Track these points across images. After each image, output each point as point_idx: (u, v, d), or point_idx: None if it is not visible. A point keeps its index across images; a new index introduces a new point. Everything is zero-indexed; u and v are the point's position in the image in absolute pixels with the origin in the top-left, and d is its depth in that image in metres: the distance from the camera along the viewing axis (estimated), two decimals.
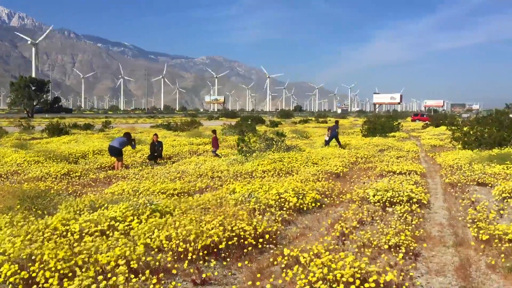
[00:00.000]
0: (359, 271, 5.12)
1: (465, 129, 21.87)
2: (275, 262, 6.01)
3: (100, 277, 4.87)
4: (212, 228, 6.56)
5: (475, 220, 7.91)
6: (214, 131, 21.58)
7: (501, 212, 8.92)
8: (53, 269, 5.12)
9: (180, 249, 6.08)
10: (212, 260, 5.88)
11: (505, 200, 9.86)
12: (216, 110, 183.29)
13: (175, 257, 6.09)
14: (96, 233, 6.56)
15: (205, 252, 6.16)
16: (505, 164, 14.18)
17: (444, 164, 16.27)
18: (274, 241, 6.99)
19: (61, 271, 5.13)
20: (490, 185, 11.82)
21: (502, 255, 6.23)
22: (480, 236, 7.01)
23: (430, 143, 26.68)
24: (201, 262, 5.97)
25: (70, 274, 5.16)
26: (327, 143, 23.90)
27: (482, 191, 11.42)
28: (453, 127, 23.64)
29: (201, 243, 6.13)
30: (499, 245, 6.57)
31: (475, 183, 12.25)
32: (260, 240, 6.71)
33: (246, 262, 6.14)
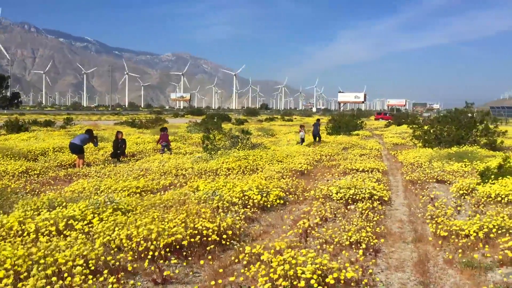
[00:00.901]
0: (320, 268, 5.16)
1: (425, 127, 22.44)
2: (237, 260, 5.99)
3: (54, 278, 4.72)
4: (174, 226, 6.48)
5: (434, 217, 8.13)
6: (164, 129, 21.18)
7: (459, 208, 9.19)
8: (9, 268, 4.93)
9: (140, 248, 5.98)
10: (174, 259, 5.80)
11: (463, 197, 10.17)
12: (182, 107, 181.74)
13: (136, 256, 5.98)
14: (54, 233, 6.37)
15: (167, 250, 6.07)
16: (463, 162, 14.63)
17: (405, 162, 16.63)
18: (237, 239, 6.98)
19: (17, 270, 4.96)
20: (448, 182, 12.17)
21: (459, 251, 6.40)
22: (438, 232, 7.20)
23: (392, 141, 27.25)
24: (162, 261, 5.88)
25: (25, 274, 4.99)
26: (302, 141, 23.92)
27: (441, 188, 11.74)
28: (414, 126, 24.21)
29: (163, 242, 6.05)
30: (456, 240, 6.76)
31: (435, 180, 12.58)
32: (224, 236, 6.69)
33: (209, 260, 6.09)
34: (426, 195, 10.52)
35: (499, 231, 6.84)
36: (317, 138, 25.74)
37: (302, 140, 24.02)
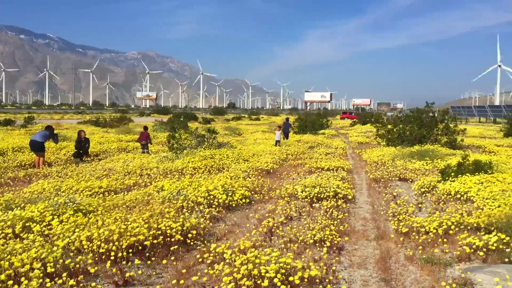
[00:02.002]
0: (284, 267, 5.17)
1: (389, 127, 22.86)
2: (202, 260, 5.94)
3: (10, 282, 4.57)
4: (137, 227, 6.37)
5: (396, 214, 8.29)
6: (145, 128, 21.05)
7: (420, 205, 9.40)
8: None
9: (101, 250, 5.85)
10: (136, 260, 5.69)
11: (424, 194, 10.42)
12: (148, 106, 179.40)
13: (97, 259, 5.85)
14: (10, 235, 6.16)
15: (130, 251, 5.96)
16: (424, 160, 14.99)
17: (369, 161, 16.90)
18: (202, 239, 6.92)
19: None
20: (410, 180, 12.44)
21: (420, 247, 6.54)
22: (400, 229, 7.34)
23: (357, 140, 27.66)
24: (124, 262, 5.77)
25: None
26: (277, 142, 23.72)
27: (403, 186, 11.99)
28: (378, 125, 24.63)
29: (125, 243, 5.93)
30: (417, 237, 6.91)
31: (397, 178, 12.83)
32: (189, 236, 6.62)
33: (172, 260, 6.01)
34: (389, 193, 10.72)
35: (458, 228, 7.03)
36: (286, 136, 26.26)
37: (278, 141, 23.66)
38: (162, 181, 10.91)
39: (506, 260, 5.75)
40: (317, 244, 6.61)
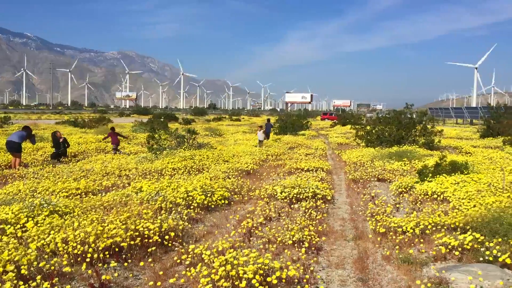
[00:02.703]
0: (263, 267, 5.17)
1: (368, 128, 23.08)
2: (180, 261, 5.90)
3: None
4: (114, 228, 6.29)
5: (374, 214, 8.36)
6: (112, 128, 20.81)
7: (398, 206, 9.50)
8: None
9: (77, 252, 5.76)
10: (113, 262, 5.62)
11: (402, 195, 10.54)
12: (127, 106, 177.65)
13: (72, 261, 5.76)
14: None
15: (106, 253, 5.88)
16: (402, 161, 15.17)
17: (348, 161, 17.02)
18: (180, 240, 6.88)
19: None
20: (389, 180, 12.57)
21: (397, 247, 6.61)
22: (377, 229, 7.41)
23: (337, 141, 27.84)
24: (100, 264, 5.69)
25: None
26: (260, 142, 23.62)
27: (382, 186, 12.11)
28: (357, 126, 24.84)
29: (101, 244, 5.85)
30: (394, 237, 6.98)
31: (376, 179, 12.95)
32: (166, 237, 6.57)
33: (150, 262, 5.96)
34: (367, 193, 10.81)
35: (434, 228, 7.13)
36: (267, 136, 26.55)
37: (261, 141, 23.59)
38: (141, 182, 10.81)
39: (481, 259, 5.85)
40: (295, 245, 6.62)
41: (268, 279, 5.00)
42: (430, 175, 11.00)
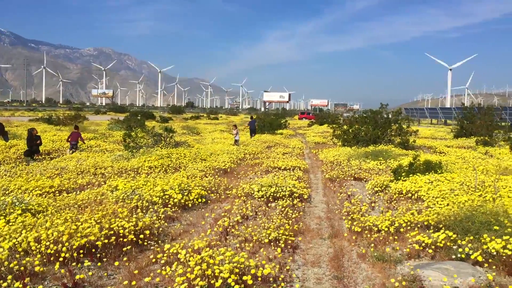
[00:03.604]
0: (238, 266, 5.16)
1: (344, 127, 23.29)
2: (155, 260, 5.85)
3: None
4: (89, 227, 6.20)
5: (350, 213, 8.44)
6: (76, 127, 20.30)
7: (373, 204, 9.61)
8: None
9: (50, 251, 5.65)
10: (86, 261, 5.54)
11: (377, 194, 10.67)
12: (104, 104, 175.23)
13: (45, 260, 5.65)
14: None
15: (80, 252, 5.79)
16: (378, 160, 15.36)
17: (325, 160, 17.15)
18: (156, 239, 6.82)
19: None
20: (364, 179, 12.71)
21: (372, 245, 6.68)
22: (353, 227, 7.48)
23: (314, 140, 28.01)
24: (74, 264, 5.59)
25: None
26: (236, 142, 23.51)
27: (358, 185, 12.23)
28: (334, 126, 25.03)
29: (75, 244, 5.76)
30: (369, 235, 7.06)
31: (352, 178, 13.08)
32: (142, 236, 6.51)
33: (125, 261, 5.89)
34: (343, 192, 10.91)
35: (409, 226, 7.23)
36: (253, 134, 28.24)
37: (237, 140, 23.45)
38: (117, 180, 10.69)
39: (453, 257, 5.96)
40: (272, 243, 6.63)
41: (244, 277, 5.00)
42: (405, 174, 11.16)
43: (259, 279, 5.13)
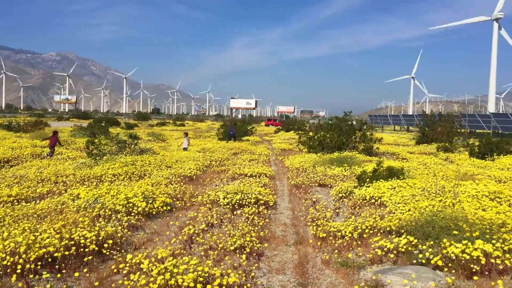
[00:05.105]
0: (203, 275, 5.11)
1: (310, 134, 23.52)
2: (117, 270, 5.73)
3: None
4: (48, 238, 6.01)
5: (315, 219, 8.51)
6: (54, 132, 20.23)
7: (337, 210, 9.72)
8: None
9: (6, 263, 5.45)
10: (45, 273, 5.37)
11: (341, 200, 10.80)
12: (67, 110, 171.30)
13: (1, 272, 5.44)
14: None
15: (39, 264, 5.60)
16: (343, 166, 15.56)
17: (291, 167, 17.25)
18: (119, 248, 6.68)
19: None
20: (329, 186, 12.85)
21: (336, 251, 6.75)
22: (318, 233, 7.54)
23: (281, 147, 28.16)
24: (32, 276, 5.41)
25: None
26: (185, 149, 23.24)
27: (323, 191, 12.35)
28: (300, 132, 25.26)
29: (33, 255, 5.57)
30: (333, 241, 7.13)
31: (317, 184, 13.20)
32: (105, 245, 6.36)
33: (86, 272, 5.73)
34: (309, 198, 10.99)
35: (372, 231, 7.34)
36: (233, 138, 31.23)
37: (186, 148, 23.25)
38: (79, 188, 10.43)
39: (414, 261, 6.08)
40: (237, 251, 6.61)
41: (208, 286, 4.95)
42: (369, 180, 11.34)
43: (224, 287, 5.09)
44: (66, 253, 5.92)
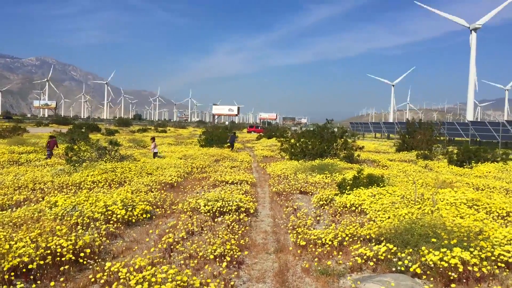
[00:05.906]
0: (181, 284, 5.06)
1: (292, 141, 23.58)
2: (94, 280, 5.63)
3: None
4: (23, 247, 5.89)
5: (295, 227, 8.50)
6: (52, 136, 20.70)
7: (318, 218, 9.73)
8: None
9: None
10: (19, 282, 5.25)
11: (322, 207, 10.82)
12: (46, 116, 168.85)
13: None
14: None
15: (13, 274, 5.48)
16: (324, 173, 15.63)
17: (273, 174, 17.25)
18: (96, 257, 6.57)
19: None
20: (310, 193, 12.87)
21: (316, 259, 6.75)
22: (298, 241, 7.53)
23: (263, 154, 28.15)
24: (5, 286, 5.28)
25: None
26: (155, 155, 22.88)
27: (304, 198, 12.36)
28: (282, 139, 25.30)
29: (7, 265, 5.44)
30: (314, 249, 7.13)
31: (298, 191, 13.21)
32: (82, 255, 6.25)
33: (62, 281, 5.62)
34: (290, 206, 10.99)
35: (352, 239, 7.37)
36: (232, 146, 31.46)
37: (156, 153, 22.91)
38: (57, 196, 10.26)
39: (394, 269, 6.11)
40: (217, 259, 6.56)
41: None
42: (349, 188, 11.40)
43: None
44: (42, 262, 5.80)
